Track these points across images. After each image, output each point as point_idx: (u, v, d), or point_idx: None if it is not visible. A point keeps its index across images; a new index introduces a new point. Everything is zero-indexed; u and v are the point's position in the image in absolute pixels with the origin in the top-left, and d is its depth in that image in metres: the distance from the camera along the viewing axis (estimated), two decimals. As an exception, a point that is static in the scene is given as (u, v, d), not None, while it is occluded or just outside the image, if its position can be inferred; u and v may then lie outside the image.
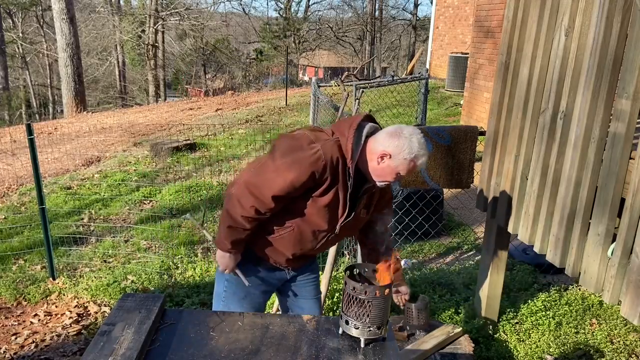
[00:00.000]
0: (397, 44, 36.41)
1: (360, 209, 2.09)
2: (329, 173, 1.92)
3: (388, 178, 2.01)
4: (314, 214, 2.00)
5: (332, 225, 2.05)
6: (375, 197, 2.15)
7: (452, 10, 13.17)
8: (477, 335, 3.20)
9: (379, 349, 1.58)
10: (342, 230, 2.10)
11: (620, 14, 2.07)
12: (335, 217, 2.04)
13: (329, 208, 1.99)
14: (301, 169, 1.88)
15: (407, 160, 1.95)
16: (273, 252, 2.15)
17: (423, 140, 1.99)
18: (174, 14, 26.52)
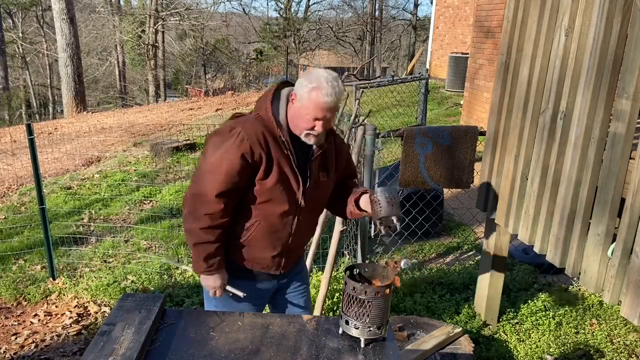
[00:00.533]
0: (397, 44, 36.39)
1: (316, 174, 2.04)
2: (260, 150, 1.89)
3: (303, 124, 1.92)
4: (269, 198, 1.96)
5: (294, 201, 2.00)
6: (330, 158, 2.09)
7: (452, 10, 13.17)
8: (477, 335, 3.20)
9: (379, 349, 1.58)
10: (310, 203, 2.04)
11: (620, 14, 2.07)
12: (293, 192, 1.99)
13: (281, 185, 1.95)
14: (230, 157, 1.88)
15: (308, 93, 1.87)
16: (254, 256, 2.08)
17: (330, 76, 1.89)
18: (174, 14, 26.51)
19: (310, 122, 1.91)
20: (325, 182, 2.11)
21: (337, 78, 1.92)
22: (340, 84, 1.92)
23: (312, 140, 1.95)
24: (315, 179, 2.04)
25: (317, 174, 2.05)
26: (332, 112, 1.93)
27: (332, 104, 1.89)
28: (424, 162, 3.53)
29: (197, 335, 1.66)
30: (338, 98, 1.90)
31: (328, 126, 1.96)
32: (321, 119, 1.90)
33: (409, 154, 3.53)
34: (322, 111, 1.88)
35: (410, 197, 4.50)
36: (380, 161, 5.90)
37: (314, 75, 1.90)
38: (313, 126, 1.91)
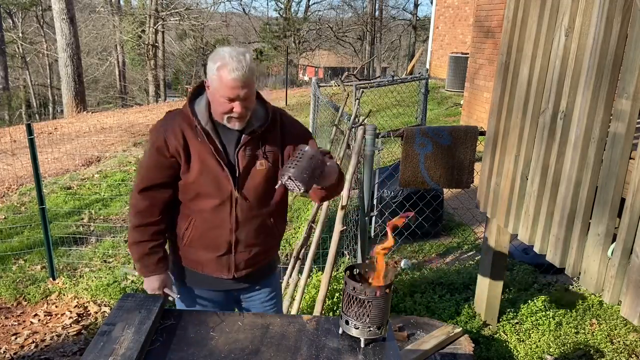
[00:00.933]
0: (397, 44, 36.40)
1: (249, 162, 1.89)
2: (176, 143, 1.83)
3: (220, 108, 1.80)
4: (197, 192, 1.89)
5: (225, 192, 1.89)
6: (273, 142, 1.93)
7: (452, 10, 13.17)
8: (477, 335, 3.21)
9: (379, 349, 1.58)
10: (249, 194, 1.91)
11: (620, 14, 2.07)
12: (222, 184, 1.88)
13: (206, 178, 1.87)
14: (149, 152, 1.87)
15: (216, 74, 1.74)
16: (200, 258, 1.99)
17: (234, 51, 1.75)
18: (174, 14, 26.51)
19: (225, 104, 1.78)
20: (265, 170, 1.93)
21: (245, 52, 1.76)
22: (248, 57, 1.75)
23: (237, 124, 1.83)
24: (246, 168, 1.90)
25: (250, 162, 1.90)
26: (248, 88, 1.76)
27: (242, 80, 1.73)
28: (424, 162, 3.53)
29: (197, 335, 1.66)
30: (248, 72, 1.73)
31: (249, 105, 1.82)
32: (235, 98, 1.76)
33: (409, 154, 3.54)
34: (234, 89, 1.74)
35: (410, 197, 4.50)
36: (380, 161, 5.90)
37: (219, 54, 1.76)
38: (231, 108, 1.78)
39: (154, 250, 1.95)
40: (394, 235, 1.65)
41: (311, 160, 1.65)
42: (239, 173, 1.89)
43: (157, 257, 1.96)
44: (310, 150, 1.66)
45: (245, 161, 1.89)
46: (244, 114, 1.80)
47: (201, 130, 1.84)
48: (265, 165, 1.92)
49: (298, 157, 1.65)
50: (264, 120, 1.91)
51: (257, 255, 2.02)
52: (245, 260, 2.00)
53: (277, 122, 1.96)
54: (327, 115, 6.28)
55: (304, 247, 3.40)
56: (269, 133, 1.93)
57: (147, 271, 1.96)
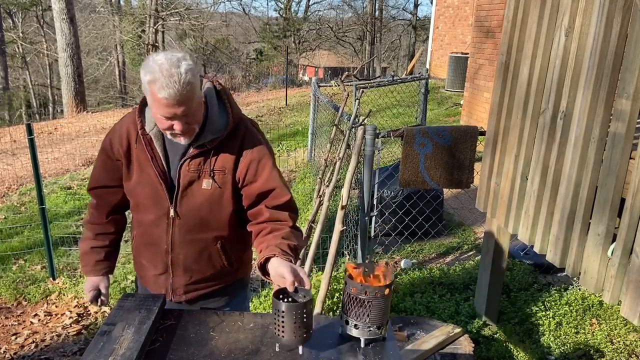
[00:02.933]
0: (397, 44, 36.39)
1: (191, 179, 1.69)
2: (118, 146, 1.72)
3: (160, 124, 1.60)
4: (136, 202, 1.78)
5: (162, 208, 1.73)
6: (226, 161, 1.70)
7: (452, 10, 13.17)
8: (477, 335, 3.20)
9: (379, 349, 1.58)
10: (189, 216, 1.73)
11: (620, 14, 2.07)
12: (160, 199, 1.72)
13: (145, 189, 1.72)
14: (99, 152, 1.81)
15: (148, 88, 1.54)
16: (142, 273, 1.90)
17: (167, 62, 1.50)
18: (174, 14, 26.50)
19: (163, 121, 1.58)
20: (210, 192, 1.70)
21: (180, 62, 1.51)
22: (184, 69, 1.50)
23: (182, 140, 1.64)
24: (188, 185, 1.70)
25: (193, 179, 1.69)
26: (185, 105, 1.53)
27: (175, 98, 1.50)
28: (424, 162, 3.53)
29: (197, 335, 1.66)
30: (181, 88, 1.49)
31: (192, 120, 1.60)
32: (172, 117, 1.55)
33: (409, 154, 3.54)
34: (167, 108, 1.53)
35: (410, 197, 4.50)
36: (380, 161, 5.89)
37: (149, 65, 1.52)
38: (170, 125, 1.58)
39: (94, 250, 1.87)
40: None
41: (294, 316, 1.46)
42: (178, 190, 1.71)
43: (96, 259, 1.86)
44: (286, 307, 1.46)
45: (187, 177, 1.69)
46: (186, 131, 1.60)
47: (142, 136, 1.69)
48: (212, 186, 1.70)
49: (280, 321, 1.47)
50: (219, 134, 1.68)
51: (198, 282, 1.85)
52: (184, 285, 1.85)
53: (237, 138, 1.71)
54: (327, 115, 6.28)
55: (304, 247, 3.40)
56: (223, 149, 1.69)
57: (85, 270, 1.89)
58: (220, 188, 1.71)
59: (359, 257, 3.69)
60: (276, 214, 1.73)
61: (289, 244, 1.65)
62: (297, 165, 7.30)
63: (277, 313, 1.47)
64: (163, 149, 1.71)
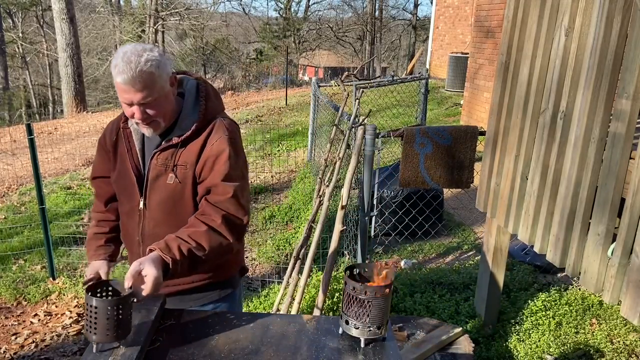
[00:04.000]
0: (397, 44, 36.40)
1: (159, 173, 1.74)
2: (110, 139, 1.85)
3: (125, 111, 1.68)
4: (117, 192, 1.89)
5: (134, 200, 1.79)
6: (191, 156, 1.73)
7: (452, 10, 13.17)
8: (477, 335, 3.20)
9: (379, 349, 1.58)
10: (155, 210, 1.77)
11: (620, 14, 2.07)
12: (131, 192, 1.80)
13: (122, 181, 1.82)
14: (97, 143, 1.92)
15: (113, 74, 1.62)
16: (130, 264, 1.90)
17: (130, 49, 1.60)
18: (174, 14, 26.51)
19: (127, 109, 1.65)
20: (173, 186, 1.74)
21: (143, 52, 1.59)
22: (145, 58, 1.58)
23: (146, 130, 1.69)
24: (155, 179, 1.75)
25: (161, 174, 1.74)
26: (143, 93, 1.59)
27: (128, 83, 1.57)
28: (423, 162, 3.53)
29: (197, 335, 1.66)
30: (137, 75, 1.56)
31: (153, 111, 1.64)
32: (130, 103, 1.62)
33: (409, 153, 3.54)
34: (124, 93, 1.60)
35: (410, 197, 4.50)
36: (380, 161, 5.90)
37: (117, 53, 1.62)
38: (132, 113, 1.65)
39: (96, 236, 1.93)
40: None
41: (107, 312, 1.40)
42: (147, 183, 1.77)
43: (97, 244, 1.91)
44: (100, 304, 1.40)
45: (155, 171, 1.75)
46: (146, 120, 1.65)
47: (123, 129, 1.80)
48: (174, 181, 1.73)
49: (92, 317, 1.41)
50: (187, 130, 1.73)
51: (175, 280, 1.78)
52: (171, 282, 1.78)
53: (204, 135, 1.74)
54: (327, 115, 6.28)
55: (304, 247, 3.40)
56: (189, 145, 1.73)
57: (88, 256, 1.94)
58: (180, 183, 1.74)
59: (358, 257, 3.69)
60: (209, 208, 1.70)
61: (183, 245, 1.62)
62: (297, 165, 7.30)
63: (89, 309, 1.43)
64: (141, 143, 1.80)
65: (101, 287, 1.55)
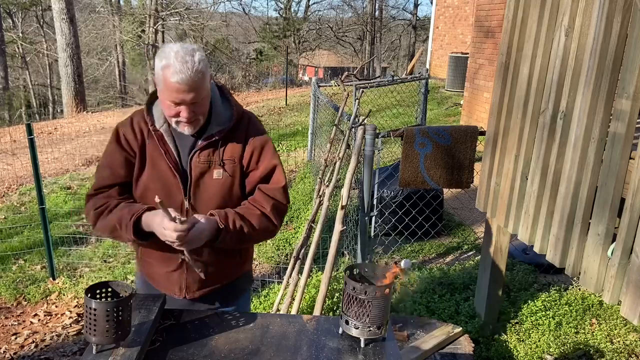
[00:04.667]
0: (397, 44, 36.41)
1: (203, 169, 1.73)
2: (134, 140, 1.73)
3: (167, 111, 1.66)
4: (147, 197, 1.74)
5: (175, 201, 1.74)
6: (234, 150, 1.76)
7: (452, 10, 13.17)
8: (477, 335, 3.20)
9: (379, 349, 1.58)
10: (202, 207, 1.75)
11: (620, 14, 2.07)
12: (173, 194, 1.73)
13: (157, 182, 1.73)
14: (107, 148, 1.78)
15: (160, 73, 1.59)
16: (151, 271, 1.88)
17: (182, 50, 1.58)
18: (174, 14, 26.50)
19: (172, 108, 1.63)
20: (222, 181, 1.75)
21: (194, 51, 1.61)
22: (197, 57, 1.59)
23: (187, 129, 1.68)
24: (200, 176, 1.74)
25: (205, 170, 1.74)
26: (195, 92, 1.60)
27: (187, 83, 1.57)
28: (423, 162, 3.53)
29: (197, 335, 1.66)
30: (194, 74, 1.57)
31: (199, 110, 1.66)
32: (181, 102, 1.61)
33: (409, 153, 3.54)
34: (177, 93, 1.58)
35: (410, 197, 4.50)
36: (380, 161, 5.89)
37: (164, 52, 1.60)
38: (177, 112, 1.64)
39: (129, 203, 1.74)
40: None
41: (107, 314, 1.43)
42: (191, 182, 1.74)
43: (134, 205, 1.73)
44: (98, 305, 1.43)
45: (198, 169, 1.74)
46: (191, 119, 1.66)
47: (154, 131, 1.73)
48: (223, 175, 1.75)
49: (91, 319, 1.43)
50: (226, 125, 1.76)
51: (212, 275, 1.84)
52: (199, 280, 1.83)
53: (242, 128, 1.79)
54: (327, 115, 6.29)
55: (304, 247, 3.40)
56: (230, 139, 1.76)
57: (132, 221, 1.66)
58: (231, 177, 1.77)
59: (358, 257, 3.69)
60: (260, 196, 1.78)
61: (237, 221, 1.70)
62: (297, 165, 7.30)
63: (89, 310, 1.44)
64: (174, 144, 1.75)
65: (100, 289, 1.55)
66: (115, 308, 1.45)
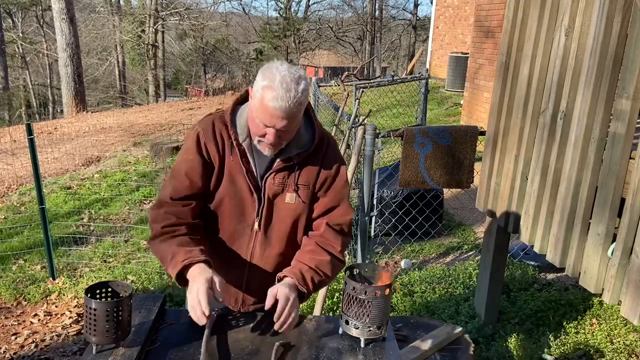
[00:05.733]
0: (397, 44, 36.40)
1: (277, 191, 1.68)
2: (215, 151, 1.64)
3: (254, 128, 1.60)
4: (219, 211, 1.69)
5: (248, 220, 1.70)
6: (310, 174, 1.71)
7: (452, 10, 13.17)
8: (477, 335, 3.20)
9: (379, 349, 1.58)
10: (270, 230, 1.72)
11: (620, 14, 2.07)
12: (245, 211, 1.68)
13: (232, 197, 1.67)
14: (186, 154, 1.67)
15: (260, 92, 1.53)
16: None
17: (290, 76, 1.52)
18: (174, 14, 26.50)
19: (259, 127, 1.57)
20: (294, 207, 1.70)
21: (301, 79, 1.54)
22: (302, 87, 1.54)
23: (267, 150, 1.63)
24: (273, 198, 1.69)
25: (277, 192, 1.69)
26: (288, 120, 1.54)
27: (284, 111, 1.51)
28: (424, 162, 3.53)
29: (197, 335, 1.66)
30: (293, 106, 1.52)
31: (285, 136, 1.60)
32: (270, 126, 1.55)
33: (409, 153, 3.54)
34: (271, 118, 1.53)
35: (410, 197, 4.50)
36: (380, 161, 5.89)
37: (271, 71, 1.55)
38: (263, 133, 1.58)
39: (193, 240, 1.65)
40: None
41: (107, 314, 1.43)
42: (264, 202, 1.69)
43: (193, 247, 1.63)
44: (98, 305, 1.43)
45: (272, 191, 1.68)
46: (275, 144, 1.60)
47: (237, 146, 1.65)
48: (296, 200, 1.70)
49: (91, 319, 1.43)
50: (306, 149, 1.69)
51: None
52: (256, 299, 1.81)
53: (320, 153, 1.72)
54: (328, 115, 6.29)
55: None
56: (308, 163, 1.70)
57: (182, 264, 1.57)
58: (303, 203, 1.72)
59: (359, 257, 3.69)
60: (329, 233, 1.73)
61: (315, 277, 1.66)
62: (297, 165, 7.28)
63: (89, 311, 1.44)
64: (254, 162, 1.68)
65: (100, 289, 1.56)
66: (115, 308, 1.45)
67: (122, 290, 1.55)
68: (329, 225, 1.73)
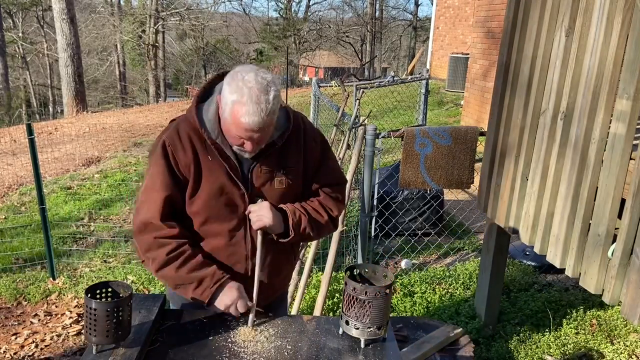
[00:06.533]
0: (397, 45, 36.41)
1: (266, 178, 1.68)
2: (184, 158, 1.61)
3: (231, 139, 1.58)
4: (207, 216, 1.67)
5: (240, 213, 1.69)
6: (293, 155, 1.71)
7: (452, 10, 13.17)
8: (477, 335, 3.20)
9: (379, 349, 1.58)
10: None
11: (620, 14, 2.07)
12: (236, 203, 1.67)
13: (218, 198, 1.65)
14: (155, 167, 1.62)
15: (230, 106, 1.49)
16: None
17: (257, 86, 1.47)
18: (174, 14, 26.52)
19: (237, 139, 1.56)
20: (285, 188, 1.71)
21: (269, 87, 1.50)
22: (272, 96, 1.50)
23: (247, 154, 1.62)
24: (262, 186, 1.69)
25: (267, 179, 1.69)
26: (262, 132, 1.54)
27: (257, 125, 1.49)
28: (424, 162, 3.53)
29: (197, 335, 1.65)
30: (266, 117, 1.49)
31: (262, 142, 1.60)
32: (247, 138, 1.54)
33: (409, 154, 3.54)
34: (246, 132, 1.52)
35: (411, 197, 4.50)
36: (380, 161, 5.89)
37: (237, 84, 1.50)
38: (241, 143, 1.57)
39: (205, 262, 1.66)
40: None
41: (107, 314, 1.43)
42: (252, 191, 1.68)
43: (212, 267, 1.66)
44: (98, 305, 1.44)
45: (261, 179, 1.68)
46: (255, 151, 1.60)
47: (212, 145, 1.61)
48: (285, 182, 1.70)
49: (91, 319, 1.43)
50: (285, 128, 1.68)
51: (274, 284, 1.84)
52: (264, 291, 1.79)
53: (300, 131, 1.73)
54: (328, 115, 6.29)
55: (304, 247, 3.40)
56: (290, 144, 1.70)
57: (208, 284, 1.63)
58: (294, 183, 1.74)
59: (359, 258, 3.69)
60: (329, 201, 1.81)
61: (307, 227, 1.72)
62: (297, 166, 7.28)
63: (89, 311, 1.43)
64: (234, 155, 1.65)
65: (100, 289, 1.56)
66: (115, 308, 1.45)
67: (122, 290, 1.55)
68: (327, 194, 1.82)
